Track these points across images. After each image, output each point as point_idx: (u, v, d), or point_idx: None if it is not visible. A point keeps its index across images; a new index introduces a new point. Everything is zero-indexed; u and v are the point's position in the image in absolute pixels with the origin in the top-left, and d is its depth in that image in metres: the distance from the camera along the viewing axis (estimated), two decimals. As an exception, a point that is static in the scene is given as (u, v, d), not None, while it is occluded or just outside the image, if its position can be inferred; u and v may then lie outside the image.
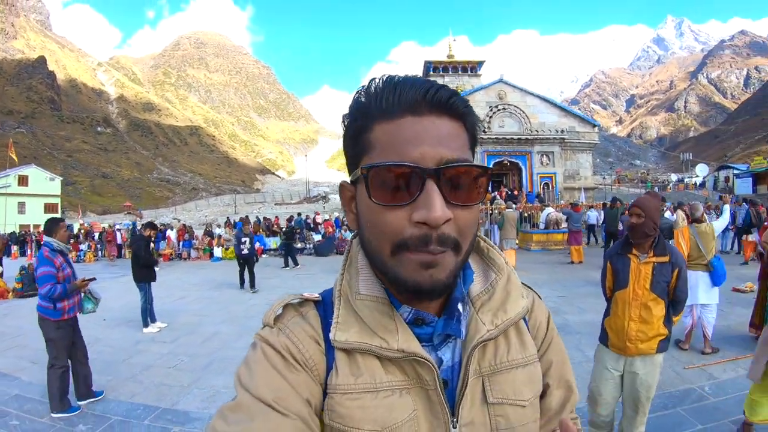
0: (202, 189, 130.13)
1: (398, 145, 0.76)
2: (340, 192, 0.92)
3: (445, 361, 0.88)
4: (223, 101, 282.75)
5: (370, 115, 0.80)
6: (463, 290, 0.91)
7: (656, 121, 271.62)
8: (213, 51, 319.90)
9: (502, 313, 0.90)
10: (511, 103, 33.93)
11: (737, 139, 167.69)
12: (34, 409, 5.36)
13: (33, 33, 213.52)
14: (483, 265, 0.99)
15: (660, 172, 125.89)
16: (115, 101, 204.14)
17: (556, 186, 33.16)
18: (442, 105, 0.78)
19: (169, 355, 7.38)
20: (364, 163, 0.80)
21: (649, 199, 3.55)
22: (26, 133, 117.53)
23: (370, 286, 0.88)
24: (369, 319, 0.84)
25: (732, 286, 9.82)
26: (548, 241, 21.52)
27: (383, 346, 0.82)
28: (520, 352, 0.93)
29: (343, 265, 0.94)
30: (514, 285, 0.96)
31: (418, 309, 0.86)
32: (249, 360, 0.85)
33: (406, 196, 0.75)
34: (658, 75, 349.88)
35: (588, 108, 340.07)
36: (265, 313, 0.90)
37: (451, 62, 42.91)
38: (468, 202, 0.79)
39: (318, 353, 0.86)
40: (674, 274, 3.50)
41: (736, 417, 4.33)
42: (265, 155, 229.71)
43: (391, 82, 0.80)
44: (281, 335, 0.86)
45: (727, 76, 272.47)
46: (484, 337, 0.87)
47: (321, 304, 0.93)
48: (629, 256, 3.62)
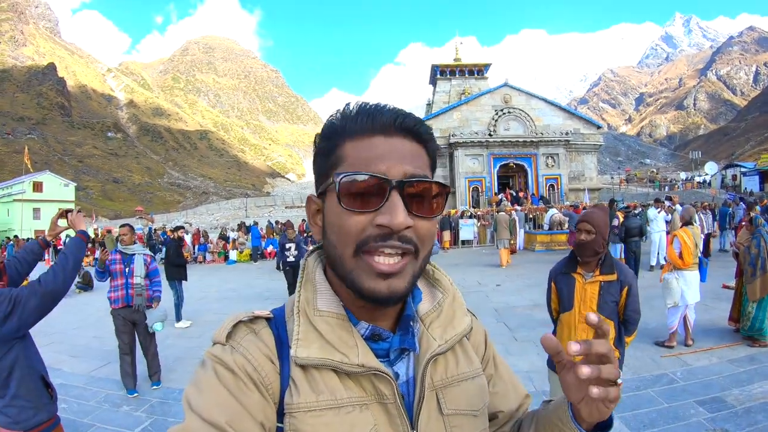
0: (212, 193, 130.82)
1: (368, 159, 0.82)
2: (307, 205, 0.97)
3: (401, 376, 0.91)
4: (232, 105, 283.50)
5: (343, 135, 0.86)
6: (413, 308, 0.96)
7: (666, 119, 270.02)
8: (221, 55, 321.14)
9: (450, 329, 0.96)
10: (516, 107, 34.46)
11: (747, 136, 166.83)
12: (80, 395, 6.03)
13: (42, 40, 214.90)
14: (429, 286, 1.04)
15: (670, 171, 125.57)
16: (124, 106, 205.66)
17: (561, 187, 33.54)
18: (409, 129, 0.85)
19: (197, 348, 8.06)
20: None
21: (599, 214, 3.37)
22: (37, 139, 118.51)
23: (329, 302, 0.90)
24: (329, 334, 0.86)
25: (723, 282, 10.35)
26: (552, 241, 21.91)
27: (344, 361, 0.83)
28: (467, 365, 0.99)
29: (299, 282, 0.95)
30: (459, 304, 1.03)
31: (375, 325, 0.90)
32: (199, 380, 0.82)
33: (373, 203, 0.80)
34: (667, 73, 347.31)
35: (597, 107, 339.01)
36: (216, 331, 0.89)
37: (458, 65, 43.04)
38: (428, 214, 0.84)
39: (273, 372, 0.85)
40: (623, 292, 3.34)
41: (700, 397, 4.92)
42: (275, 158, 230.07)
43: (366, 108, 0.87)
44: (235, 353, 0.84)
45: (736, 72, 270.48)
46: (436, 351, 0.92)
47: (273, 322, 0.93)
48: (574, 276, 3.46)
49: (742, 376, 5.49)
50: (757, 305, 6.59)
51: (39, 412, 2.64)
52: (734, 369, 5.76)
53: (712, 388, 5.17)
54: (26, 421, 2.57)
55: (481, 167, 33.80)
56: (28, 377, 2.63)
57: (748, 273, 6.82)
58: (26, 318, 2.60)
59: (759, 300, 6.58)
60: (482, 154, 33.67)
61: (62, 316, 11.20)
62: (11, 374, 2.54)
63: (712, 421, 4.41)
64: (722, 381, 5.36)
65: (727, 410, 4.61)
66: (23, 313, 2.57)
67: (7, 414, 2.54)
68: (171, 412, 5.53)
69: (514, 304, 10.07)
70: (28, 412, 2.59)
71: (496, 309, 9.76)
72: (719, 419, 4.44)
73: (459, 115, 35.48)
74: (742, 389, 5.08)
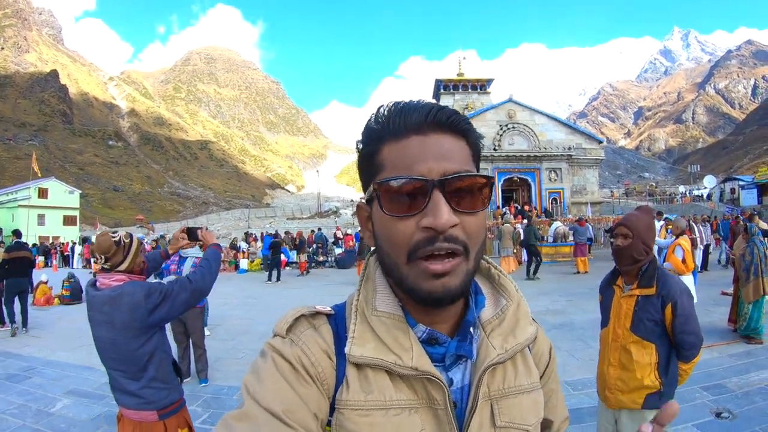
0: (212, 203, 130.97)
1: (406, 162, 0.81)
2: (357, 212, 0.97)
3: (455, 382, 0.90)
4: (233, 116, 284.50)
5: (379, 139, 0.86)
6: (476, 314, 0.94)
7: (664, 132, 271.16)
8: (223, 66, 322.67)
9: (512, 338, 0.93)
10: (521, 122, 35.06)
11: (745, 149, 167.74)
12: None
13: (45, 47, 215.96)
14: (494, 292, 1.01)
15: (668, 185, 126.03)
16: (126, 115, 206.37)
17: (564, 201, 34.16)
18: (444, 124, 0.84)
19: (234, 350, 8.58)
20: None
21: (639, 216, 2.94)
22: (38, 146, 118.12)
23: (388, 303, 0.89)
24: (385, 335, 0.85)
25: (721, 290, 11.01)
26: (556, 253, 22.49)
27: (397, 363, 0.82)
28: (526, 378, 0.96)
29: (360, 282, 0.96)
30: (524, 312, 0.99)
31: (433, 329, 0.88)
32: (258, 369, 0.84)
33: (416, 206, 0.80)
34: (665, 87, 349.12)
35: (596, 121, 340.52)
36: (277, 323, 0.90)
37: (461, 80, 43.70)
38: (473, 208, 0.83)
39: (329, 367, 0.86)
40: (667, 309, 2.76)
41: (704, 384, 5.53)
42: (275, 170, 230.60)
43: (398, 107, 0.86)
44: (294, 347, 0.85)
45: (735, 86, 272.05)
46: (495, 360, 0.89)
47: (333, 318, 0.94)
48: (614, 287, 3.06)
49: (740, 368, 6.15)
50: (752, 306, 7.38)
51: (171, 393, 2.91)
52: (733, 362, 6.42)
53: (714, 376, 5.80)
54: (160, 401, 2.82)
55: (485, 181, 34.01)
56: (165, 361, 2.91)
57: (743, 277, 7.65)
58: (175, 310, 2.90)
59: (753, 302, 7.37)
60: (487, 168, 33.93)
61: (84, 320, 11.74)
62: (151, 358, 2.81)
63: (716, 402, 5.03)
64: (722, 371, 6.01)
65: (728, 393, 5.26)
66: (173, 305, 2.87)
67: (143, 395, 2.78)
68: (225, 405, 5.95)
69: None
70: (162, 393, 2.84)
71: (511, 313, 10.25)
72: (721, 401, 5.05)
73: (465, 129, 35.71)
74: (741, 377, 5.75)
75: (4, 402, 6.00)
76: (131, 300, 2.74)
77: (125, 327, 2.74)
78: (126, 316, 2.73)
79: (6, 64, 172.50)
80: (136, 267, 2.98)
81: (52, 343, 9.32)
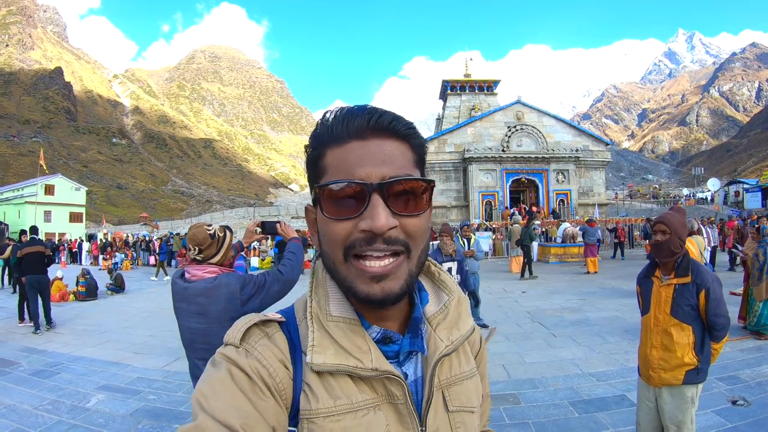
0: (216, 201, 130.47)
1: (347, 166, 0.83)
2: (306, 215, 0.98)
3: (409, 376, 0.93)
4: (236, 114, 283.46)
5: (324, 144, 0.88)
6: (421, 310, 0.97)
7: (668, 135, 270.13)
8: (227, 65, 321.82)
9: (456, 331, 0.98)
10: (529, 123, 35.49)
11: (749, 152, 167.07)
12: (163, 387, 6.43)
13: (50, 44, 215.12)
14: (435, 288, 1.05)
15: (672, 187, 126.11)
16: (130, 113, 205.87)
17: (571, 202, 34.51)
18: (385, 129, 0.85)
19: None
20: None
21: (674, 215, 3.35)
22: (42, 143, 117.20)
23: (341, 307, 0.90)
24: (343, 340, 0.86)
25: (730, 291, 11.34)
26: (565, 254, 22.84)
27: (359, 366, 0.84)
28: (467, 365, 1.02)
29: (310, 287, 0.95)
30: (464, 306, 1.03)
31: (386, 328, 0.91)
32: (212, 381, 0.81)
33: (354, 210, 0.81)
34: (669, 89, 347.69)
35: (600, 122, 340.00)
36: (228, 332, 0.88)
37: (468, 81, 43.75)
38: (414, 211, 0.85)
39: (287, 377, 0.85)
40: (701, 295, 3.18)
41: (719, 375, 5.88)
42: (279, 169, 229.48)
43: (342, 113, 0.88)
44: (250, 357, 0.84)
45: (739, 88, 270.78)
46: (444, 353, 0.93)
47: (285, 325, 0.93)
48: (653, 279, 3.45)
49: (752, 361, 6.56)
50: (763, 304, 7.81)
51: None
52: (745, 356, 6.82)
53: (728, 368, 6.19)
54: None
55: (494, 182, 34.78)
56: None
57: (756, 277, 8.07)
58: (268, 300, 3.00)
59: (765, 300, 7.80)
60: (495, 169, 34.65)
61: (107, 315, 11.95)
62: None
63: (731, 391, 5.42)
64: (735, 364, 6.40)
65: (742, 384, 5.66)
66: (266, 295, 2.97)
67: None
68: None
69: (543, 308, 10.98)
70: None
71: (529, 312, 10.66)
72: (736, 390, 5.45)
73: (473, 130, 36.47)
74: (753, 369, 6.16)
75: (36, 398, 6.02)
76: (228, 290, 2.87)
77: (220, 317, 2.86)
78: (222, 306, 2.86)
79: (11, 62, 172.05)
80: (227, 260, 3.14)
81: (74, 339, 9.40)
